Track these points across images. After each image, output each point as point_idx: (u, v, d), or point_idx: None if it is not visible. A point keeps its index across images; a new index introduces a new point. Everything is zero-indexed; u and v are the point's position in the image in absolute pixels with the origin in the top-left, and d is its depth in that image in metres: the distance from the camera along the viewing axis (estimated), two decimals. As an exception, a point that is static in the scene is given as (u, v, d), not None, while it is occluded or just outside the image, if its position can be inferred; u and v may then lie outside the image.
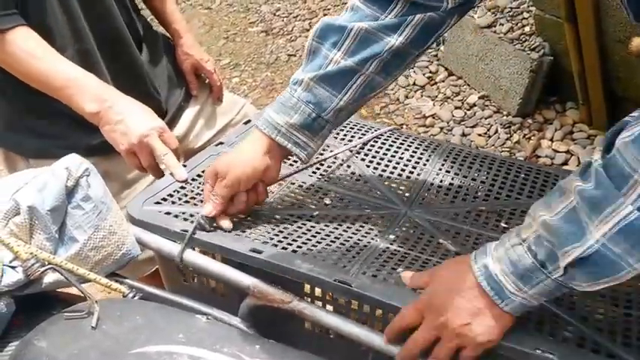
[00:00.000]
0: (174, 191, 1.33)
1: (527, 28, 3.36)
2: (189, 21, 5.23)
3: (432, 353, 0.99)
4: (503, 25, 3.43)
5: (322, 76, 1.18)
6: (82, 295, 0.99)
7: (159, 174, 1.44)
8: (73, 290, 1.03)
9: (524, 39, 3.29)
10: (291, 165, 1.45)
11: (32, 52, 1.41)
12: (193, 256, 1.16)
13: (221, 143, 1.50)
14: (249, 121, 1.61)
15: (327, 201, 1.36)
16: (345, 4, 4.60)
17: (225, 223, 1.20)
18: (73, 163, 1.04)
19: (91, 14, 1.52)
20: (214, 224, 1.20)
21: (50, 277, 1.00)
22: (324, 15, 4.75)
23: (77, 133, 1.51)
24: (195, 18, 5.30)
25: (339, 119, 1.25)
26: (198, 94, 1.85)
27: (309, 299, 1.12)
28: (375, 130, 1.59)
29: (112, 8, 1.56)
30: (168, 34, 1.85)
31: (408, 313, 1.01)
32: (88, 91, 1.43)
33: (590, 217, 0.83)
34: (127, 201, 1.52)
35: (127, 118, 1.42)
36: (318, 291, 1.12)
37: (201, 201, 1.30)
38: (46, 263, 0.99)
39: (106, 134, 1.44)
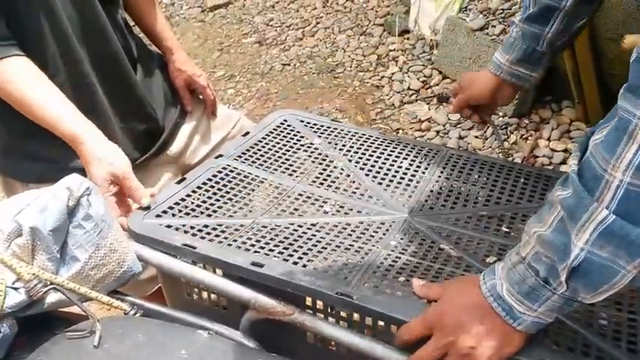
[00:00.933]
0: (174, 204, 1.33)
1: (519, 30, 3.36)
2: (183, 34, 5.25)
3: None
4: (495, 27, 3.44)
5: (528, 16, 1.43)
6: (84, 314, 0.99)
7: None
8: (76, 309, 1.02)
9: (517, 40, 3.30)
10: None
11: (26, 83, 1.41)
12: (194, 271, 1.16)
13: (220, 155, 1.50)
14: (247, 133, 1.61)
15: (327, 209, 1.36)
16: (338, 11, 4.63)
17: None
18: (74, 182, 1.04)
19: (86, 37, 1.52)
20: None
21: (52, 297, 0.99)
22: (317, 23, 4.76)
23: (75, 156, 1.51)
24: (189, 31, 5.31)
25: (555, 48, 1.47)
26: (193, 110, 1.85)
27: (312, 312, 1.12)
28: (375, 139, 1.60)
29: (107, 30, 1.56)
30: (160, 52, 1.85)
31: (415, 326, 1.00)
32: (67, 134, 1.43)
33: (571, 225, 0.83)
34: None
35: (90, 165, 1.41)
36: (319, 304, 1.12)
37: (202, 212, 1.31)
38: (49, 283, 0.98)
39: None
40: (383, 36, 4.37)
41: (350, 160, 1.52)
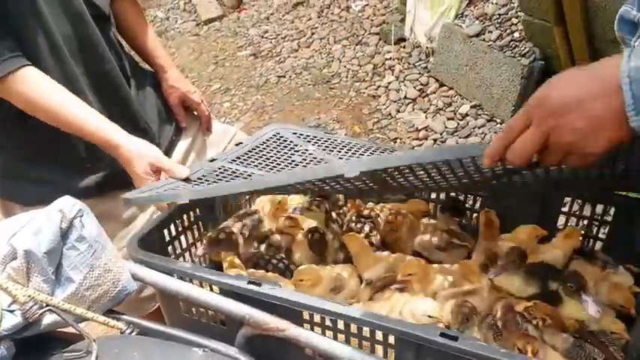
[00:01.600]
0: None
1: (516, 34, 3.36)
2: (178, 48, 5.26)
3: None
4: (492, 32, 3.44)
5: None
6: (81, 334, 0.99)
7: None
8: (73, 329, 1.02)
9: (514, 45, 3.30)
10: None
11: (50, 91, 1.45)
12: (189, 288, 1.16)
13: (214, 159, 1.50)
14: (240, 143, 1.60)
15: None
16: (334, 21, 4.64)
17: None
18: (66, 205, 1.04)
19: (81, 55, 1.53)
20: None
21: (49, 319, 0.99)
22: (312, 34, 4.77)
23: (73, 177, 1.52)
24: (184, 45, 5.32)
25: None
26: (189, 127, 1.85)
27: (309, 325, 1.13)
28: (367, 148, 1.60)
29: (101, 48, 1.56)
30: (153, 70, 1.86)
31: (516, 118, 0.90)
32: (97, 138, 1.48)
33: None
34: (125, 240, 1.51)
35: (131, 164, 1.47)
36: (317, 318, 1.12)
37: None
38: (44, 305, 0.98)
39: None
40: (379, 45, 4.38)
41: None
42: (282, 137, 1.65)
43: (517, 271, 1.35)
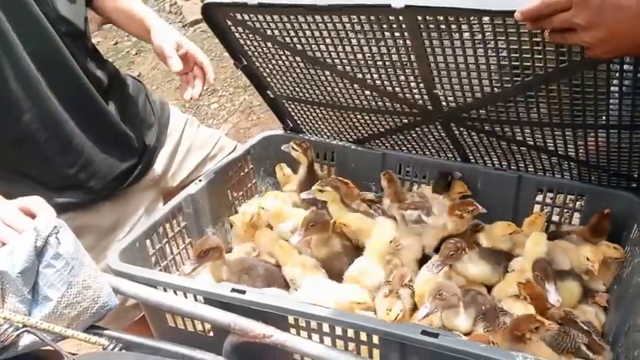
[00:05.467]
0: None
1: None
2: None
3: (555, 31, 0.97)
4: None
5: None
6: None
7: None
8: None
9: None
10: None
11: None
12: (172, 299, 1.15)
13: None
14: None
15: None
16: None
17: None
18: (41, 222, 1.03)
19: (51, 75, 1.49)
20: None
21: (26, 339, 0.98)
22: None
23: (46, 194, 1.50)
24: (170, 48, 5.31)
25: None
26: (172, 131, 1.83)
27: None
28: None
29: (72, 66, 1.52)
30: (134, 76, 1.82)
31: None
32: None
33: None
34: (106, 251, 1.50)
35: None
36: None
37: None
38: (21, 326, 0.97)
39: None
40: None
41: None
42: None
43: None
